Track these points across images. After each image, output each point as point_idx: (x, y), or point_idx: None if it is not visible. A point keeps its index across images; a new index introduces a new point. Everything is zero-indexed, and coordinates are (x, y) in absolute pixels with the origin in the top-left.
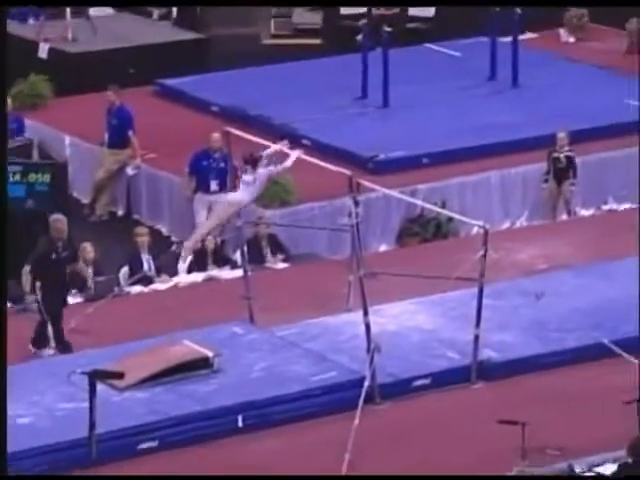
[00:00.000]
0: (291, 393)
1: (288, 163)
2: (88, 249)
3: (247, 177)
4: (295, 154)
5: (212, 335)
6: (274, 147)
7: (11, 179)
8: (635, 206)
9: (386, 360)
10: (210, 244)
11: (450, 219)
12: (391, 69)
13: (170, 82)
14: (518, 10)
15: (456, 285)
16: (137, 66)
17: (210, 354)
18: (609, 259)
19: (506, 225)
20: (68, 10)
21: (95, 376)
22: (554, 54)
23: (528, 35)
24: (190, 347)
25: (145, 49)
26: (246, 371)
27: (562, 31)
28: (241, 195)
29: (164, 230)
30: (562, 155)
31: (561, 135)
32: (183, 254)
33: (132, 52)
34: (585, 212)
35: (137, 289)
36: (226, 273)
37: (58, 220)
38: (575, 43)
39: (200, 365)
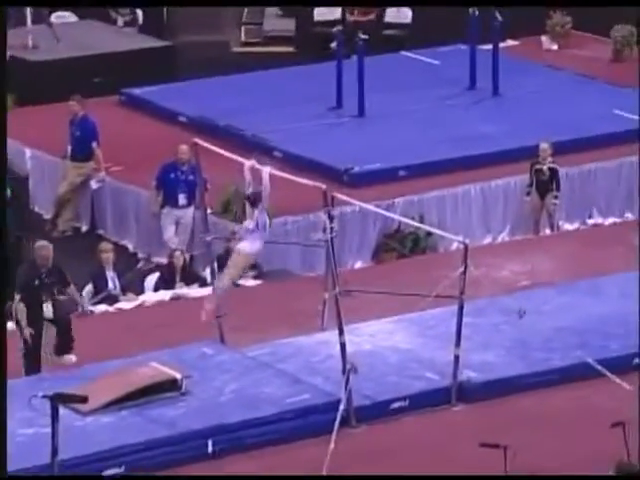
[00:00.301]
0: (264, 416)
1: (267, 187)
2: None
3: (248, 224)
4: (266, 174)
5: (180, 356)
6: (247, 166)
7: None
8: (620, 220)
9: (362, 381)
10: (178, 260)
11: (429, 234)
12: (367, 77)
13: (136, 91)
14: (499, 16)
15: (435, 303)
16: (101, 75)
17: (178, 376)
18: (594, 275)
19: (487, 240)
20: (29, 16)
21: (57, 400)
22: (536, 62)
23: (509, 42)
24: (157, 369)
25: (110, 57)
26: (216, 393)
27: (544, 38)
28: (250, 245)
29: (130, 246)
30: (545, 167)
31: (544, 146)
32: (204, 318)
33: (96, 60)
34: (569, 226)
35: (101, 308)
36: (195, 291)
37: (43, 247)
38: (558, 51)
39: (168, 387)
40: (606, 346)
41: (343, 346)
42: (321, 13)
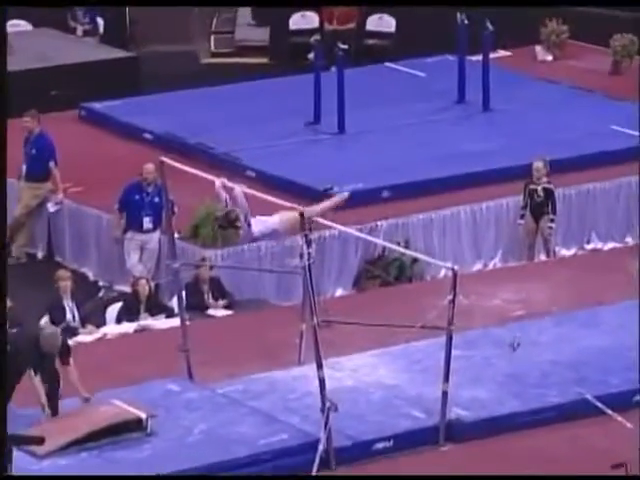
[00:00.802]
0: (236, 458)
1: (245, 207)
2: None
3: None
4: (240, 193)
5: (145, 393)
6: (217, 185)
7: None
8: (620, 245)
9: (343, 420)
10: (143, 289)
11: (415, 260)
12: (347, 91)
13: (97, 106)
14: (489, 25)
15: (422, 334)
16: (59, 88)
17: (143, 415)
18: (593, 304)
19: (477, 267)
20: None
21: (11, 442)
22: (530, 74)
23: (501, 53)
24: (120, 407)
25: (68, 69)
26: (184, 434)
27: (539, 48)
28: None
29: (90, 274)
30: (540, 187)
31: (538, 165)
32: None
33: (53, 72)
34: (566, 252)
35: None
36: (161, 322)
37: (52, 335)
38: (553, 62)
39: (132, 427)
40: (606, 381)
41: (322, 382)
42: (297, 22)
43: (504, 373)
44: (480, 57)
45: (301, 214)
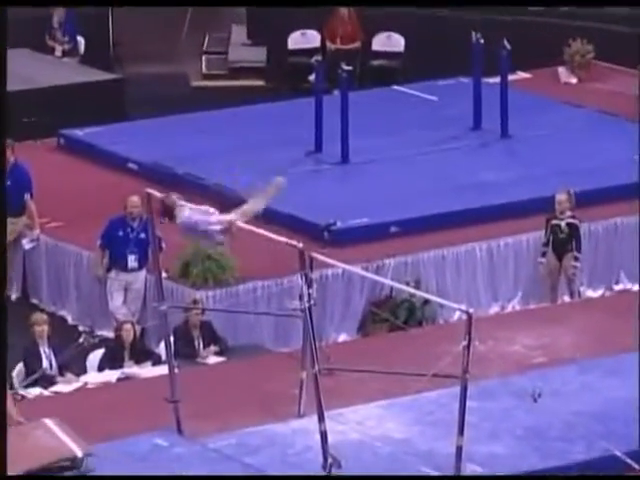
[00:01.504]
0: None
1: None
2: None
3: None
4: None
5: (130, 448)
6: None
7: None
8: None
9: None
10: (128, 334)
11: (426, 302)
12: (351, 116)
13: (78, 133)
14: (507, 44)
15: (434, 384)
16: (36, 114)
17: (79, 453)
18: (621, 351)
19: (495, 309)
20: None
21: None
22: (552, 98)
23: (520, 75)
24: (54, 439)
25: (46, 93)
26: None
27: (562, 70)
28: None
29: (69, 317)
30: (563, 222)
31: (561, 197)
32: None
33: (30, 96)
34: (592, 293)
35: (35, 391)
36: (147, 370)
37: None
38: (578, 84)
39: (66, 467)
40: (635, 435)
41: (324, 435)
42: (296, 41)
43: (524, 426)
44: (497, 79)
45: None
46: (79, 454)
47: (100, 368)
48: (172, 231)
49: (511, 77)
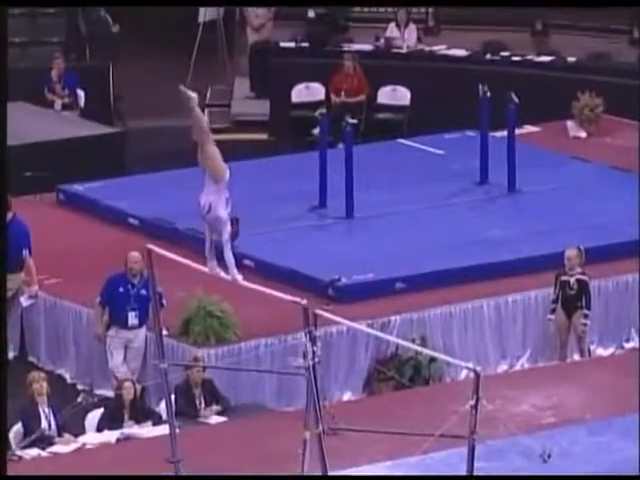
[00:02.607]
0: None
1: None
2: None
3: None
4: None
5: None
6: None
7: None
8: None
9: None
10: (128, 393)
11: (432, 360)
12: (356, 170)
13: (77, 188)
14: (515, 98)
15: (440, 444)
16: (35, 168)
17: None
18: (632, 411)
19: (503, 367)
20: None
21: None
22: (561, 152)
23: (528, 129)
24: None
25: (45, 147)
26: None
27: (570, 124)
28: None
29: (68, 376)
30: (573, 279)
31: (571, 253)
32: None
33: (28, 151)
34: (602, 351)
35: (33, 452)
36: (147, 430)
37: None
38: (587, 138)
39: None
40: None
41: None
42: (300, 94)
43: None
44: (505, 133)
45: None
46: None
47: (99, 428)
48: (173, 288)
49: (519, 131)
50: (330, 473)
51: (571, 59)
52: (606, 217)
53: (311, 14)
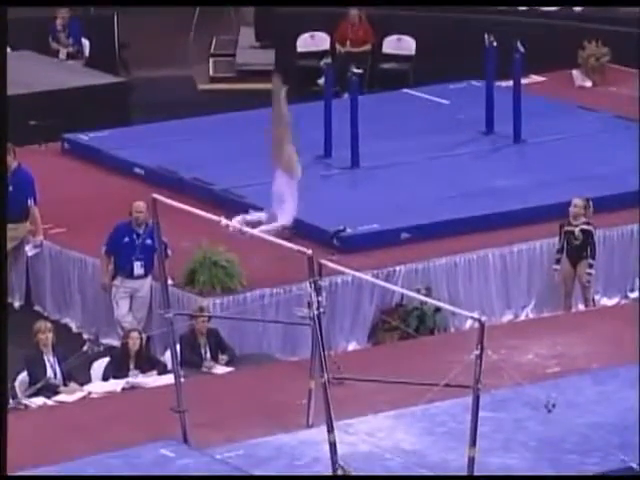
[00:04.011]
0: None
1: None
2: None
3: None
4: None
5: (134, 459)
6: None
7: None
8: None
9: None
10: (134, 343)
11: (437, 310)
12: (361, 120)
13: (82, 137)
14: (521, 47)
15: (445, 394)
16: (39, 117)
17: None
18: (637, 360)
19: (508, 317)
20: None
21: None
22: (566, 102)
23: (533, 78)
24: None
25: (50, 96)
26: None
27: (576, 73)
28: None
29: (73, 325)
30: (577, 229)
31: (576, 203)
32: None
33: (33, 100)
34: (607, 301)
35: (39, 401)
36: (152, 380)
37: None
38: (592, 88)
39: None
40: None
41: (333, 446)
42: (305, 43)
43: (538, 437)
44: (510, 83)
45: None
46: None
47: (105, 377)
48: (178, 237)
49: (524, 80)
50: (335, 423)
51: (577, 8)
52: (611, 167)
53: None
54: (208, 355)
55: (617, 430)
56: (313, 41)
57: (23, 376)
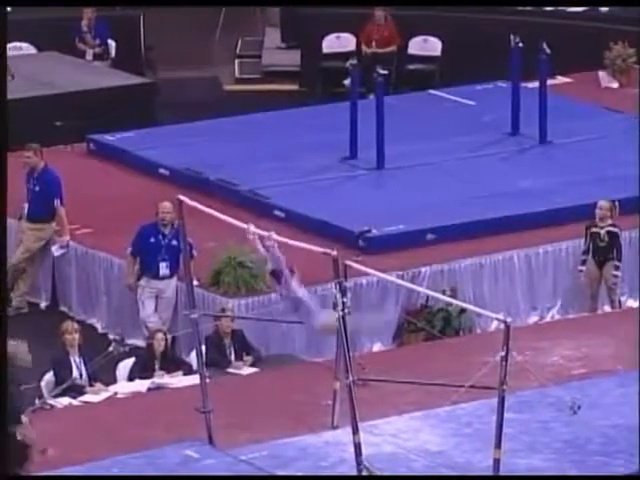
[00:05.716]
0: None
1: (280, 259)
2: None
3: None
4: (271, 242)
5: (159, 459)
6: (250, 231)
7: None
8: None
9: None
10: (159, 344)
11: (462, 311)
12: (387, 121)
13: (108, 138)
14: (547, 48)
15: (470, 395)
16: (65, 118)
17: None
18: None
19: (533, 319)
20: None
21: None
22: (593, 103)
23: (559, 79)
24: None
25: (76, 97)
26: None
27: (602, 74)
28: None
29: (99, 326)
30: (603, 230)
31: (602, 205)
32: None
33: (59, 101)
34: (633, 302)
35: (64, 401)
36: (178, 380)
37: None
38: (618, 89)
39: None
40: None
41: (358, 447)
42: (331, 44)
43: (563, 439)
44: (536, 84)
45: None
46: None
47: (130, 378)
48: (203, 238)
49: (550, 81)
50: (360, 424)
51: (604, 9)
52: (637, 168)
53: None
54: (233, 356)
55: None
56: (339, 42)
57: (49, 376)
